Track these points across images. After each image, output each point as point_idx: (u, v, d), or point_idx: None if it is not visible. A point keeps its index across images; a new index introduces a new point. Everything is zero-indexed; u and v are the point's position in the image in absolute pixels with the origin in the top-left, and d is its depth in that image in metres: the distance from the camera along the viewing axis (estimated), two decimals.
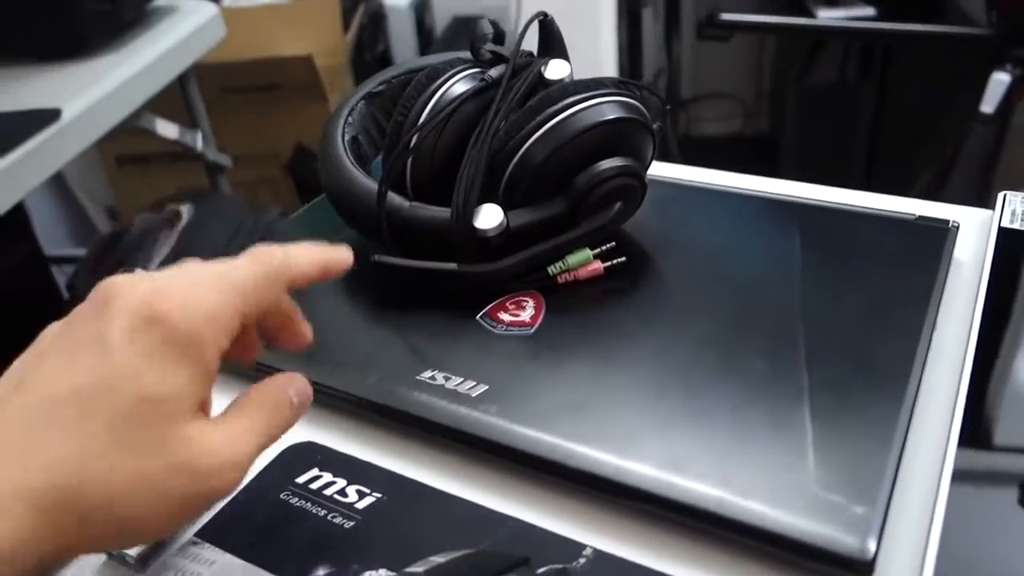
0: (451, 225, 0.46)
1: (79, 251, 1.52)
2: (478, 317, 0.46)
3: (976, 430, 0.37)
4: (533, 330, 0.45)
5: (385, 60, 1.98)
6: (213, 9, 1.20)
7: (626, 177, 0.46)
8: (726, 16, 1.43)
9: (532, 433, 0.38)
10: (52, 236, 1.65)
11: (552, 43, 0.51)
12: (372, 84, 0.54)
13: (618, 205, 0.47)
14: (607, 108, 0.46)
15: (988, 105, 1.32)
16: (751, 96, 2.26)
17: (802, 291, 0.45)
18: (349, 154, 0.50)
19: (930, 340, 0.42)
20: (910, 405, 0.38)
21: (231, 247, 1.22)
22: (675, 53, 1.81)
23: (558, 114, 0.45)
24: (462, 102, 0.47)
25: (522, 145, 0.45)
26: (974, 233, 0.52)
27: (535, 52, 0.52)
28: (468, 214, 0.45)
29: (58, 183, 1.74)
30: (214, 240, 1.19)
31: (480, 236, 0.45)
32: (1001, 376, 0.41)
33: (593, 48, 1.71)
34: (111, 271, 0.32)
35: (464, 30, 2.06)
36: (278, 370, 0.44)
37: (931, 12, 1.80)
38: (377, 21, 1.94)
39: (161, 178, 1.64)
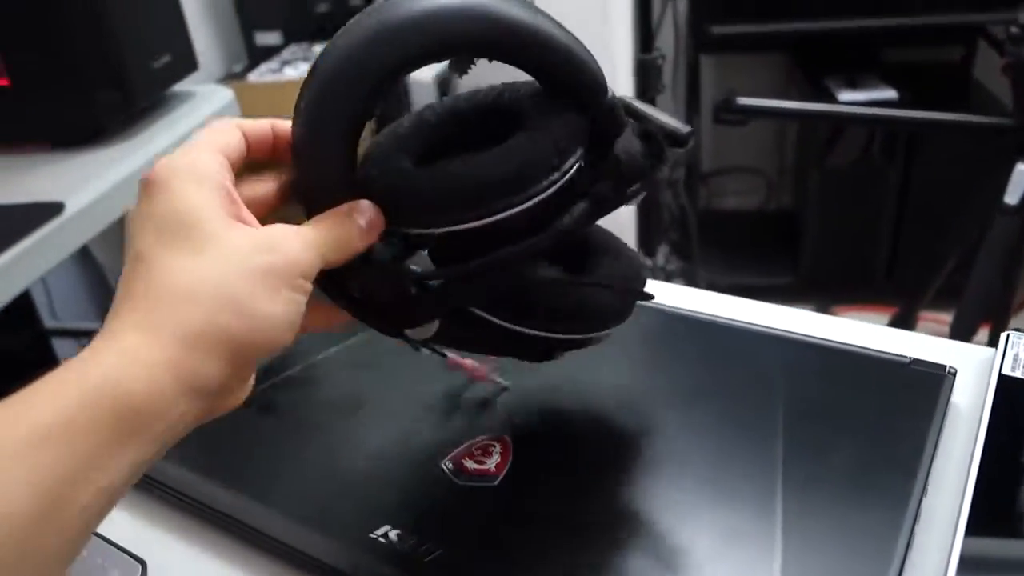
0: None
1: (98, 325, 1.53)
2: (442, 463, 0.44)
3: None
4: (498, 480, 0.43)
5: None
6: (229, 95, 1.22)
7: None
8: (743, 101, 1.42)
9: None
10: (73, 309, 1.66)
11: None
12: None
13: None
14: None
15: (1012, 197, 1.29)
16: (774, 171, 2.25)
17: (784, 441, 0.43)
18: None
19: (920, 505, 0.39)
20: None
21: None
22: (694, 131, 1.80)
23: None
24: None
25: None
26: (973, 373, 0.49)
27: None
28: None
29: (82, 253, 1.76)
30: None
31: None
32: (995, 547, 0.38)
33: None
34: None
35: None
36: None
37: (955, 96, 1.78)
38: (399, 96, 1.97)
39: None
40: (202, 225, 0.31)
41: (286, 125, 0.37)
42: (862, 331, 0.54)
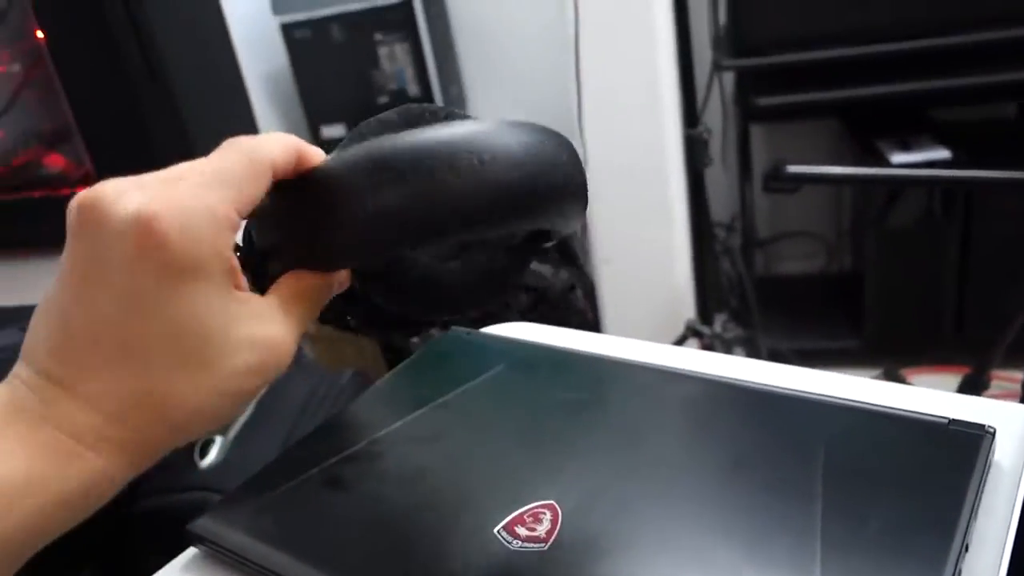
0: None
1: None
2: (495, 530, 0.46)
3: None
4: (547, 546, 0.45)
5: None
6: None
7: None
8: (792, 169, 1.44)
9: None
10: None
11: None
12: None
13: None
14: None
15: None
16: (832, 234, 2.24)
17: (824, 503, 0.44)
18: None
19: (958, 563, 0.40)
20: None
21: (309, 407, 1.26)
22: (748, 200, 1.82)
23: None
24: None
25: None
26: (1021, 432, 0.50)
27: None
28: None
29: None
30: (292, 400, 1.23)
31: None
32: None
33: (663, 197, 1.74)
34: None
35: None
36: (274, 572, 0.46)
37: (1011, 153, 1.77)
38: None
39: None
40: (214, 339, 0.30)
41: (311, 159, 0.35)
42: (907, 394, 0.55)
